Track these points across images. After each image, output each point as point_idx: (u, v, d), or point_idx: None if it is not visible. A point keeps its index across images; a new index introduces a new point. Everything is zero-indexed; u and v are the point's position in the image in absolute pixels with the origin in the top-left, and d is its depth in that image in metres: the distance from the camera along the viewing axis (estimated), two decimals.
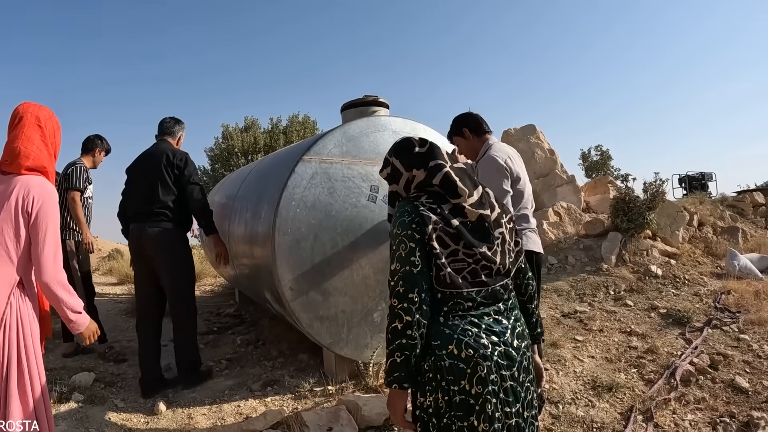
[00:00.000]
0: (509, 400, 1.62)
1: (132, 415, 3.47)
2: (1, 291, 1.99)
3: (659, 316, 5.22)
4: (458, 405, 1.58)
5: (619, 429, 3.18)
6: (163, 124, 4.12)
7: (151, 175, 3.80)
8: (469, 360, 1.58)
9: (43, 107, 2.22)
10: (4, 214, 2.01)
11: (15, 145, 2.07)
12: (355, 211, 3.54)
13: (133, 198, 3.93)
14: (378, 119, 3.85)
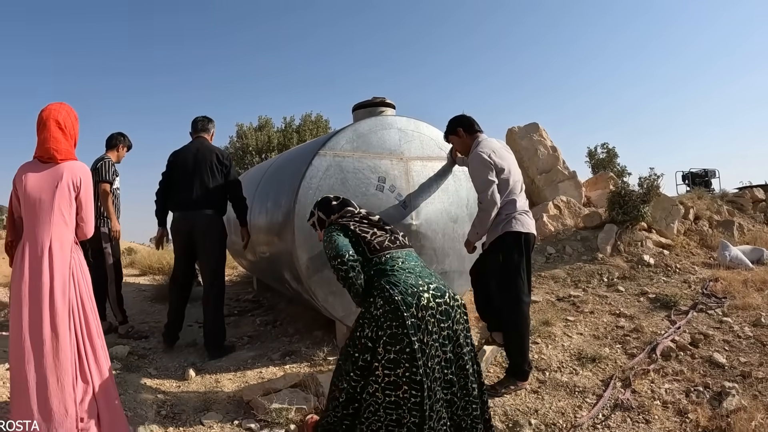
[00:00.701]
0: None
1: (164, 381, 3.95)
2: (66, 249, 2.66)
3: (648, 300, 5.62)
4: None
5: (599, 393, 3.58)
6: (199, 122, 4.65)
7: (204, 169, 4.37)
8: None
9: (61, 108, 2.78)
10: (59, 192, 2.66)
11: (47, 146, 2.69)
12: (365, 198, 4.00)
13: (184, 187, 4.39)
14: (385, 118, 4.31)
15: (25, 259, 2.59)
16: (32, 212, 2.64)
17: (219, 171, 4.40)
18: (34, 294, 2.55)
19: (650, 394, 3.58)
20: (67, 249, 2.66)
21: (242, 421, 3.29)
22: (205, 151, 4.45)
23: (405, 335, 2.30)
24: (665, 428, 3.16)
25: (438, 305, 2.44)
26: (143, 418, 3.30)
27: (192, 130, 4.69)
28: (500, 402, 3.45)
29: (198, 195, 4.33)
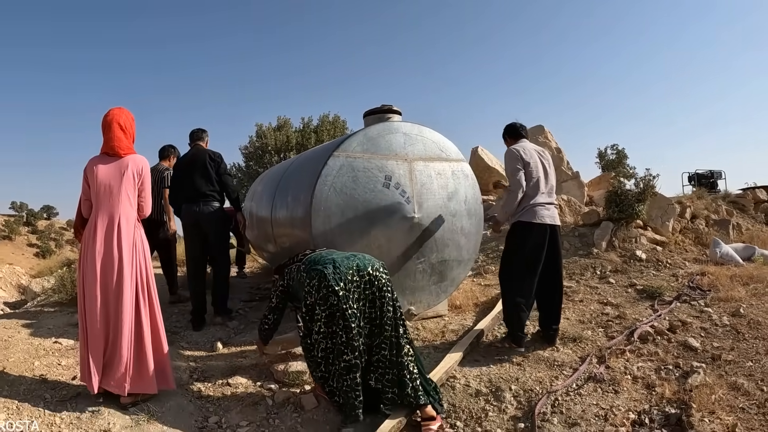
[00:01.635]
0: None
1: (195, 352, 4.56)
2: (131, 224, 3.38)
3: (635, 291, 6.07)
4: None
5: (576, 367, 4.05)
6: (195, 133, 5.62)
7: (201, 168, 5.24)
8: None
9: (121, 113, 3.47)
10: (125, 180, 3.38)
11: (112, 145, 3.40)
12: (373, 194, 4.55)
13: (187, 185, 5.26)
14: (391, 124, 4.87)
15: (98, 231, 3.28)
16: (104, 195, 3.35)
17: (212, 166, 5.28)
18: (107, 258, 3.27)
19: (623, 370, 4.00)
20: (132, 224, 3.39)
21: (264, 382, 3.88)
22: (200, 153, 5.36)
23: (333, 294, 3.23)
24: (632, 398, 3.59)
25: (361, 277, 3.33)
26: (179, 380, 3.90)
27: (190, 140, 5.63)
28: (487, 371, 3.98)
29: (198, 186, 5.21)
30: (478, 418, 3.43)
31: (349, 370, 3.25)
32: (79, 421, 3.14)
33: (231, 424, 3.40)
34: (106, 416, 3.20)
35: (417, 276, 4.81)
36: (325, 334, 3.31)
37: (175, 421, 3.33)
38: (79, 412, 3.21)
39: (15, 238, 28.54)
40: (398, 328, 3.39)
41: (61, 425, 3.08)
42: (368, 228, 4.54)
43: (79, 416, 3.18)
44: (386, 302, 3.36)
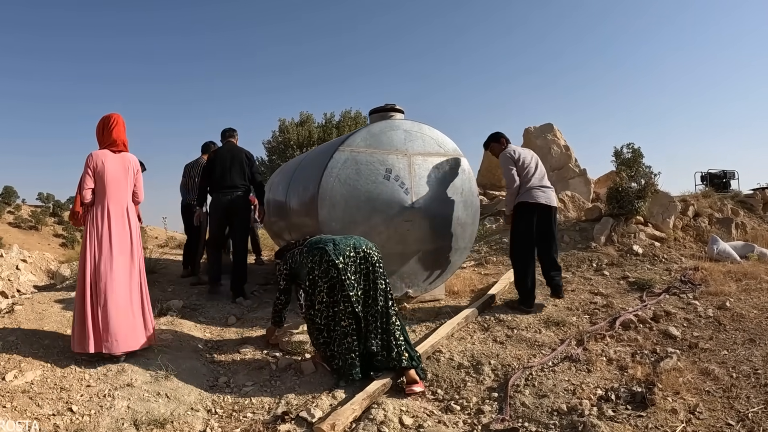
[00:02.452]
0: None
1: (211, 326, 5.06)
2: (133, 210, 4.07)
3: (627, 283, 6.35)
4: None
5: (555, 347, 4.35)
6: (227, 132, 6.38)
7: (239, 162, 5.99)
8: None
9: (120, 116, 4.04)
10: (129, 173, 4.01)
11: (122, 140, 4.03)
12: (374, 186, 4.97)
13: (223, 175, 5.94)
14: (393, 121, 5.28)
15: (113, 219, 3.89)
16: (113, 185, 3.92)
17: (247, 164, 6.04)
18: (122, 239, 3.92)
19: (600, 352, 4.25)
20: (133, 210, 4.09)
21: (270, 351, 4.35)
22: (237, 150, 6.10)
23: (333, 267, 3.75)
24: (603, 377, 3.84)
25: (357, 253, 3.83)
26: (195, 347, 4.40)
27: (222, 137, 6.39)
28: (471, 348, 4.37)
29: (234, 179, 5.92)
30: (458, 387, 3.81)
31: (347, 334, 3.74)
32: (105, 377, 3.66)
33: (238, 384, 3.89)
34: (130, 373, 3.73)
35: (414, 261, 5.22)
36: (327, 303, 3.80)
37: (189, 379, 3.84)
38: (106, 370, 3.73)
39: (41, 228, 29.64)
40: (388, 300, 3.86)
41: (90, 380, 3.59)
42: (370, 216, 4.96)
43: (106, 373, 3.70)
44: (378, 276, 3.85)
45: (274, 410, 3.46)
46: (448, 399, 3.67)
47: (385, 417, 3.29)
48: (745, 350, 4.21)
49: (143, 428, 3.16)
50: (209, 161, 6.10)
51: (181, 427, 3.26)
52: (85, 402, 3.35)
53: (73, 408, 3.27)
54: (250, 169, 6.07)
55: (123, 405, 3.35)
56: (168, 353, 4.18)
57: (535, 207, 5.23)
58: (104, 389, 3.50)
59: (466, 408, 3.53)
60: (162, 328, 4.74)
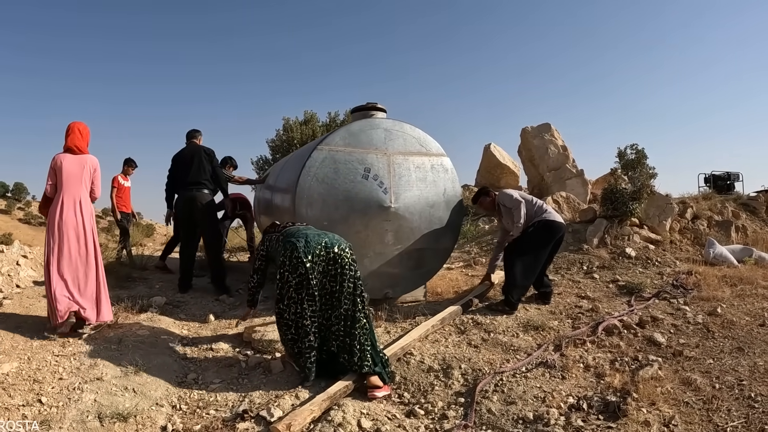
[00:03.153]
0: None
1: (190, 323, 5.05)
2: (87, 203, 4.43)
3: (616, 287, 6.21)
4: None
5: (531, 352, 4.23)
6: (190, 133, 6.52)
7: (199, 160, 6.11)
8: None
9: (79, 123, 4.51)
10: (85, 171, 4.43)
11: (75, 143, 4.45)
12: (352, 185, 4.92)
13: (184, 174, 6.11)
14: (374, 120, 5.23)
15: (65, 207, 4.31)
16: (69, 182, 4.38)
17: (206, 160, 6.16)
18: (73, 226, 4.33)
19: (578, 358, 4.09)
20: (88, 203, 4.45)
21: (242, 349, 4.33)
22: (197, 148, 6.25)
23: (301, 265, 3.71)
24: (578, 385, 3.71)
25: (327, 254, 3.77)
26: (169, 343, 4.40)
27: (186, 138, 6.51)
28: (443, 351, 4.30)
29: (194, 176, 6.06)
30: (425, 391, 3.75)
31: (308, 333, 3.71)
32: (78, 370, 3.74)
33: (206, 380, 3.88)
34: (101, 367, 3.79)
35: (394, 262, 5.17)
36: (294, 300, 3.76)
37: (158, 374, 3.86)
38: (80, 363, 3.83)
39: None
40: (356, 303, 3.78)
41: (63, 373, 3.67)
42: (348, 215, 4.91)
43: (79, 366, 3.80)
44: (347, 279, 3.77)
45: (236, 408, 3.45)
46: (413, 403, 3.61)
47: (344, 419, 3.24)
48: (732, 359, 4.06)
49: (106, 421, 3.20)
50: (172, 162, 6.34)
51: (143, 421, 3.28)
52: (55, 394, 3.42)
53: (43, 399, 3.34)
54: (210, 165, 6.18)
55: (90, 398, 3.40)
56: (141, 349, 4.20)
57: (558, 227, 5.39)
58: (75, 382, 3.57)
59: (430, 413, 3.47)
60: (141, 323, 4.76)
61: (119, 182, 8.51)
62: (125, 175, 8.73)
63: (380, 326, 4.85)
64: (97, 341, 4.27)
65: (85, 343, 4.22)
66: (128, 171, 8.77)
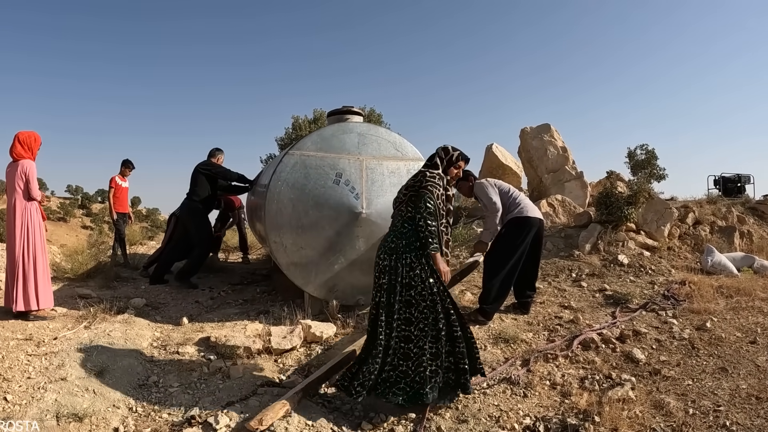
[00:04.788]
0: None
1: (164, 325, 5.12)
2: (20, 207, 4.77)
3: (603, 296, 5.92)
4: None
5: (495, 367, 4.02)
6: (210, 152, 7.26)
7: (192, 177, 6.88)
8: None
9: (24, 133, 4.87)
10: (17, 175, 4.74)
11: (13, 153, 4.83)
12: (323, 190, 4.93)
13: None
14: (347, 124, 5.23)
15: (7, 208, 4.88)
16: (8, 185, 4.85)
17: (199, 173, 6.80)
18: (10, 225, 4.83)
19: (546, 375, 3.89)
20: (21, 204, 4.78)
21: (206, 353, 4.37)
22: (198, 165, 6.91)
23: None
24: (540, 404, 3.51)
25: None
26: (138, 345, 4.46)
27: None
28: None
29: (188, 191, 6.86)
30: (375, 404, 3.62)
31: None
32: (46, 370, 3.86)
33: (166, 384, 3.92)
34: (68, 368, 3.88)
35: (365, 268, 5.14)
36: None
37: (121, 376, 3.92)
38: (49, 363, 3.95)
39: (70, 220, 30.47)
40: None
41: (32, 373, 3.81)
42: (318, 221, 4.92)
43: (48, 366, 3.92)
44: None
45: (187, 413, 3.48)
46: (362, 417, 3.52)
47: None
48: (713, 381, 3.83)
49: (63, 420, 3.29)
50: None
51: (98, 422, 3.34)
52: (21, 392, 3.55)
53: (8, 397, 3.47)
54: (207, 177, 6.83)
55: (52, 398, 3.49)
56: (110, 350, 4.28)
57: (532, 222, 5.10)
58: (41, 382, 3.68)
59: (378, 427, 3.38)
60: (115, 325, 4.83)
61: (116, 183, 8.65)
62: (122, 176, 8.85)
63: (348, 334, 4.83)
64: (70, 342, 4.37)
65: (59, 343, 4.33)
66: (125, 172, 8.89)
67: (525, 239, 5.07)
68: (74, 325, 4.84)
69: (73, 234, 25.11)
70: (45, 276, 4.91)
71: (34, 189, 4.86)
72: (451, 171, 3.77)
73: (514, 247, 5.05)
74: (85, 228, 29.02)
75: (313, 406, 3.60)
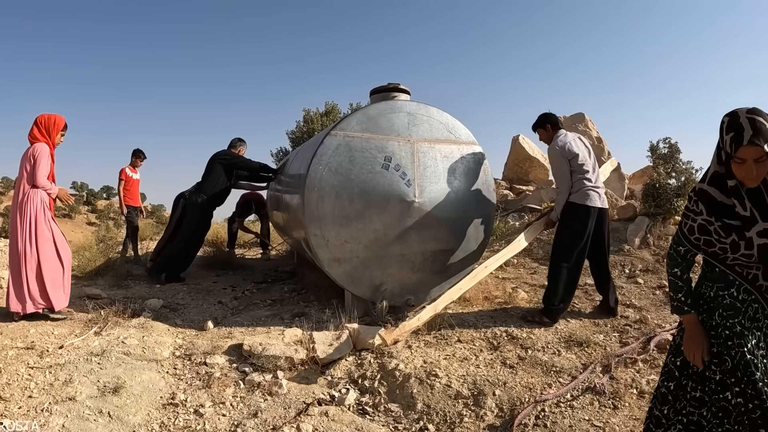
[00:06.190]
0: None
1: (186, 330, 4.39)
2: (21, 195, 4.18)
3: (664, 294, 5.42)
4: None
5: (575, 375, 3.52)
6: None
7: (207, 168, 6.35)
8: None
9: (43, 115, 4.32)
10: (26, 158, 4.20)
11: (32, 135, 4.27)
12: (370, 176, 4.22)
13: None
14: (395, 103, 4.50)
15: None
16: (19, 171, 4.29)
17: (216, 162, 6.21)
18: (12, 217, 4.26)
19: (630, 382, 3.45)
20: (23, 192, 4.19)
21: (239, 365, 3.66)
22: (216, 154, 6.34)
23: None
24: (632, 416, 3.08)
25: None
26: (159, 355, 3.75)
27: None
28: (474, 372, 3.58)
29: (198, 182, 6.30)
30: (452, 423, 3.06)
31: None
32: (51, 386, 3.21)
33: (195, 403, 3.22)
34: (76, 384, 3.23)
35: (417, 265, 4.46)
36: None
37: (141, 394, 3.25)
38: (54, 378, 3.28)
39: (75, 216, 29.80)
40: None
41: (33, 390, 3.16)
42: (364, 211, 4.22)
43: (52, 383, 3.26)
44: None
45: None
46: None
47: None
48: None
49: None
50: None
51: None
52: (21, 415, 2.92)
53: (5, 423, 2.83)
54: (225, 167, 6.28)
55: (58, 423, 2.85)
56: (126, 362, 3.60)
57: (587, 210, 4.44)
58: (44, 402, 3.04)
59: None
60: (130, 330, 4.13)
61: (127, 174, 7.93)
62: (133, 167, 8.13)
63: (400, 338, 4.14)
64: (78, 351, 3.70)
65: (65, 353, 3.65)
66: (137, 163, 8.18)
67: (582, 230, 4.43)
68: (82, 330, 4.15)
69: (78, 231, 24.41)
70: (52, 274, 4.27)
71: (39, 174, 4.21)
72: None
73: (572, 241, 4.46)
74: (91, 225, 28.30)
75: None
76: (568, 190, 4.42)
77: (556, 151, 4.43)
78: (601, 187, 4.59)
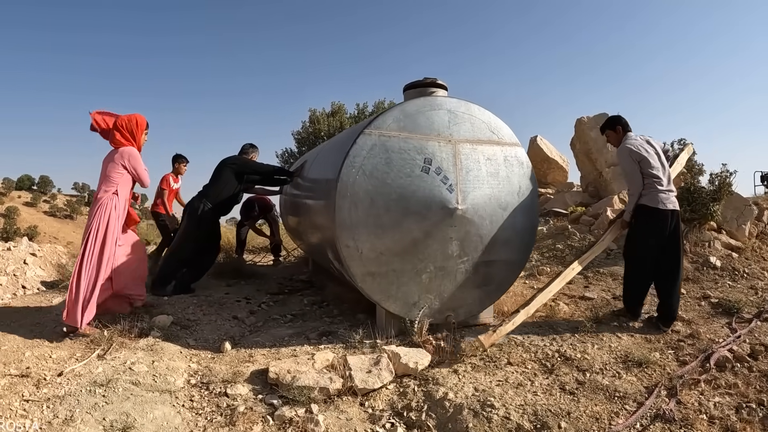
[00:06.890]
0: None
1: (201, 351, 3.84)
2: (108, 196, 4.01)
3: (709, 305, 5.00)
4: None
5: (641, 400, 3.13)
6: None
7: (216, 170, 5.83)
8: None
9: (123, 119, 4.16)
10: (113, 162, 4.05)
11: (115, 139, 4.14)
12: (409, 180, 3.70)
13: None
14: (434, 99, 3.97)
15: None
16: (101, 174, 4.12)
17: (225, 167, 5.71)
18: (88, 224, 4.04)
19: (697, 406, 3.10)
20: (102, 198, 3.99)
21: (266, 396, 3.13)
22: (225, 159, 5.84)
23: None
24: None
25: None
26: (172, 385, 3.22)
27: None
28: (533, 401, 3.08)
29: (203, 188, 5.77)
30: None
31: None
32: (50, 425, 2.72)
33: None
34: (78, 423, 2.74)
35: (458, 278, 3.95)
36: None
37: None
38: (52, 415, 2.81)
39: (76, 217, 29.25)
40: None
41: (29, 430, 2.68)
42: (402, 219, 3.70)
43: (50, 421, 2.76)
44: None
45: None
46: None
47: None
48: None
49: None
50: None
51: None
52: None
53: None
54: (235, 173, 5.76)
55: None
56: (135, 394, 3.08)
57: (660, 214, 4.31)
58: None
59: None
60: (138, 354, 3.58)
61: (170, 184, 7.11)
62: (177, 174, 7.29)
63: (444, 363, 3.61)
64: (80, 380, 3.17)
65: (66, 382, 3.14)
66: (180, 169, 7.31)
67: (650, 234, 4.33)
68: (84, 353, 3.63)
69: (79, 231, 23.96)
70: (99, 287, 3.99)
71: (145, 177, 4.21)
72: None
73: (639, 243, 4.43)
74: None
75: None
76: (638, 192, 4.33)
77: (625, 153, 4.35)
78: (673, 190, 4.45)
